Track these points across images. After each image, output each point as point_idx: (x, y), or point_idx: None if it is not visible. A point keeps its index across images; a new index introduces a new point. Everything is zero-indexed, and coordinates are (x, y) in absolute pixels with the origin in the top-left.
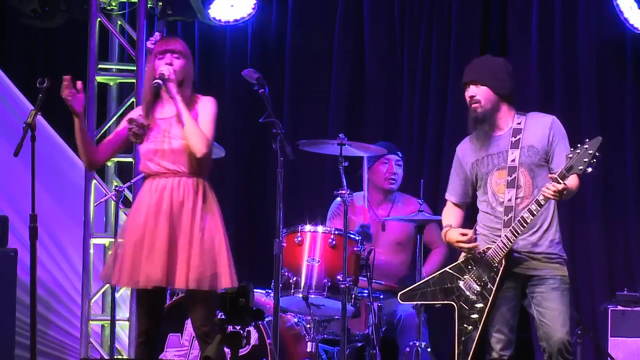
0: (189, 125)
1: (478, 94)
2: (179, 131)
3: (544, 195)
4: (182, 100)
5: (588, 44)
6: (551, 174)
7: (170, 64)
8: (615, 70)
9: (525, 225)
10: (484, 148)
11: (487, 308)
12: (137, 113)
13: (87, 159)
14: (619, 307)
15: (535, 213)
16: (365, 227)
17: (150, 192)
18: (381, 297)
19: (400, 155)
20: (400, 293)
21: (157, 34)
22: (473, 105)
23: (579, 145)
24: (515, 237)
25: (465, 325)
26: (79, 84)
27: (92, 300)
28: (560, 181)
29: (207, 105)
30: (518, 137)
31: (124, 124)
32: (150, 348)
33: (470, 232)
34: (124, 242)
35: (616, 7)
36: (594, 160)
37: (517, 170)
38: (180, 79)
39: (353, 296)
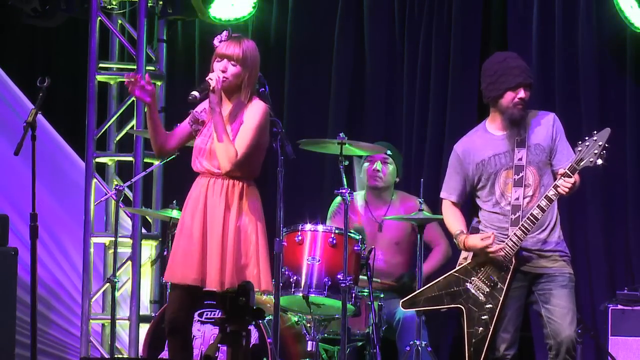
0: (219, 140)
1: (527, 97)
2: None
3: (556, 191)
4: (220, 113)
5: (588, 44)
6: (561, 169)
7: (224, 71)
8: (616, 69)
9: (535, 222)
10: (490, 148)
11: (498, 308)
12: (202, 106)
13: (158, 146)
14: (619, 306)
15: (545, 209)
16: None
17: (193, 191)
18: (382, 295)
19: (390, 153)
20: (402, 301)
21: (225, 32)
22: (519, 107)
23: (586, 137)
24: (525, 234)
25: (476, 328)
26: (147, 76)
27: (93, 299)
28: (572, 175)
29: (253, 112)
30: (523, 135)
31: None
32: (178, 339)
33: (490, 235)
34: (175, 239)
35: (616, 7)
36: (604, 152)
37: (525, 169)
38: (232, 85)
39: (353, 295)
